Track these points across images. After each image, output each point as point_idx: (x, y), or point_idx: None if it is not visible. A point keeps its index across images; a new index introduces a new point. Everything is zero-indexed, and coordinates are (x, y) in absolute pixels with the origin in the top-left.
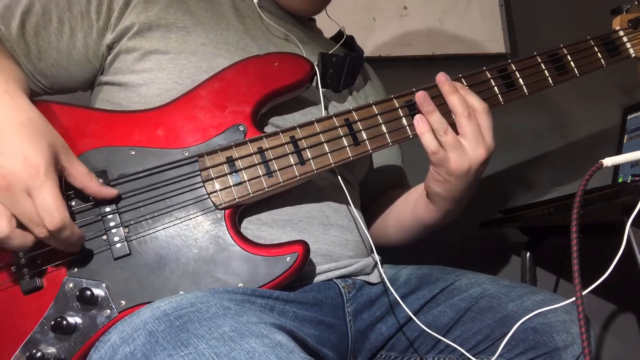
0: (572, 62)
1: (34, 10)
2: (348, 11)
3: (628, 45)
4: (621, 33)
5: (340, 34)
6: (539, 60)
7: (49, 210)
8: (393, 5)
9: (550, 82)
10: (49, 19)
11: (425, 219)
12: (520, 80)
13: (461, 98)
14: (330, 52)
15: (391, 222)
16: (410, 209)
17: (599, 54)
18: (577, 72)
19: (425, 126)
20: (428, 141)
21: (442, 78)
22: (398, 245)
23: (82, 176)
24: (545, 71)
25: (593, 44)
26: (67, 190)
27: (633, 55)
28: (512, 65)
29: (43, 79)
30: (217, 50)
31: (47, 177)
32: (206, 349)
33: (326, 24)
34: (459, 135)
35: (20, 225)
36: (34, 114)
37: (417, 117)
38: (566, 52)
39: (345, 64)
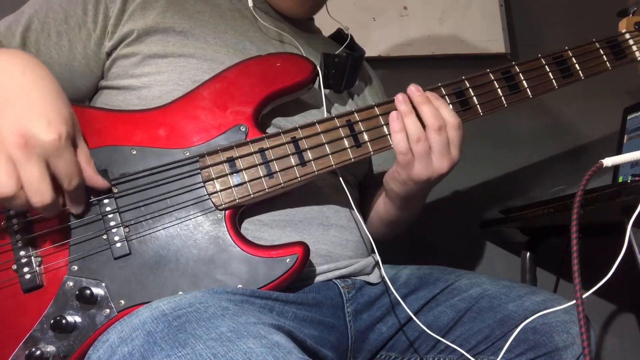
0: (577, 65)
1: (33, 28)
2: (348, 11)
3: (634, 48)
4: (627, 35)
5: (338, 32)
6: (543, 62)
7: (69, 173)
8: (393, 5)
9: (555, 85)
10: (48, 34)
11: (384, 215)
12: (525, 82)
13: (434, 110)
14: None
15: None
16: (373, 205)
17: (604, 56)
18: (581, 75)
19: (400, 125)
20: (398, 140)
21: (412, 88)
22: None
23: (81, 156)
24: (550, 74)
25: (598, 46)
26: None
27: (639, 58)
28: (516, 67)
29: None
30: (215, 53)
31: (67, 144)
32: (204, 349)
33: (325, 22)
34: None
35: None
36: (57, 85)
37: (393, 113)
38: (571, 55)
39: (347, 64)
